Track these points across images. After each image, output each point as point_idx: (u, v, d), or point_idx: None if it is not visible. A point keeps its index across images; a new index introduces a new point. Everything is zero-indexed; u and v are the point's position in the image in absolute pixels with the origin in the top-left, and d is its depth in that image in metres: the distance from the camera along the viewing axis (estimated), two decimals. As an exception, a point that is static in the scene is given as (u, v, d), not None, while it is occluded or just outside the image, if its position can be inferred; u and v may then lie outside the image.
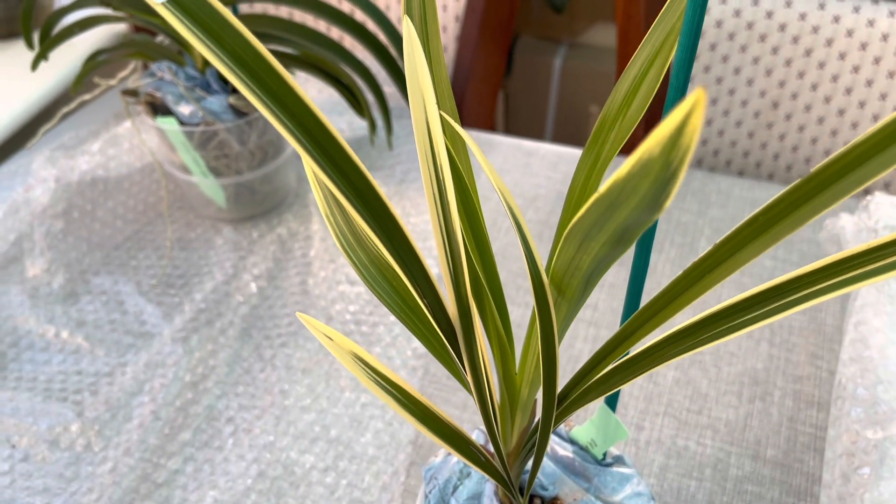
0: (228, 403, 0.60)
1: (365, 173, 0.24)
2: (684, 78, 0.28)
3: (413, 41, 0.27)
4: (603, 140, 0.30)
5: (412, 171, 0.77)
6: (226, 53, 0.21)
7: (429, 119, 0.27)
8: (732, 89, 0.79)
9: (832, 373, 0.60)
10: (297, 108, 0.22)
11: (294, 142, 0.22)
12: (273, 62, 0.21)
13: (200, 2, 0.20)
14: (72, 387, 0.61)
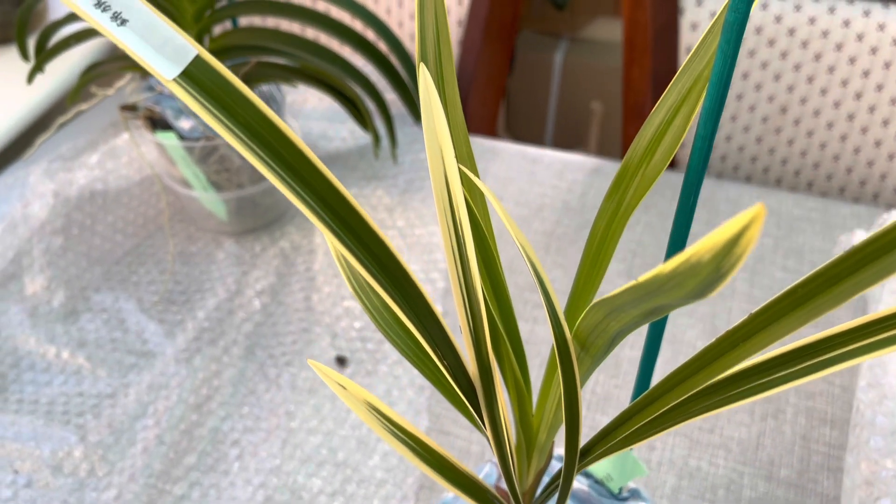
0: (233, 425, 0.59)
1: (389, 247, 0.23)
2: (712, 128, 0.27)
3: (430, 91, 0.26)
4: (625, 187, 0.29)
5: (416, 181, 0.76)
6: (240, 127, 0.19)
7: (448, 176, 0.26)
8: (740, 94, 0.78)
9: (845, 389, 0.60)
10: (318, 183, 0.21)
11: (315, 218, 0.21)
12: (290, 134, 0.20)
13: (213, 74, 0.19)
14: (74, 409, 0.60)
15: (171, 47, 0.19)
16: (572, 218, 0.73)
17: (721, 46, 0.25)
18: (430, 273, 0.69)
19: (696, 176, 0.28)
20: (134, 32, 0.18)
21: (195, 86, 0.19)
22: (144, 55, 0.19)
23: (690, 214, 0.29)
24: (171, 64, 0.19)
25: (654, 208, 0.74)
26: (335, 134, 0.79)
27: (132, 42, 0.18)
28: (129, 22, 0.18)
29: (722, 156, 0.82)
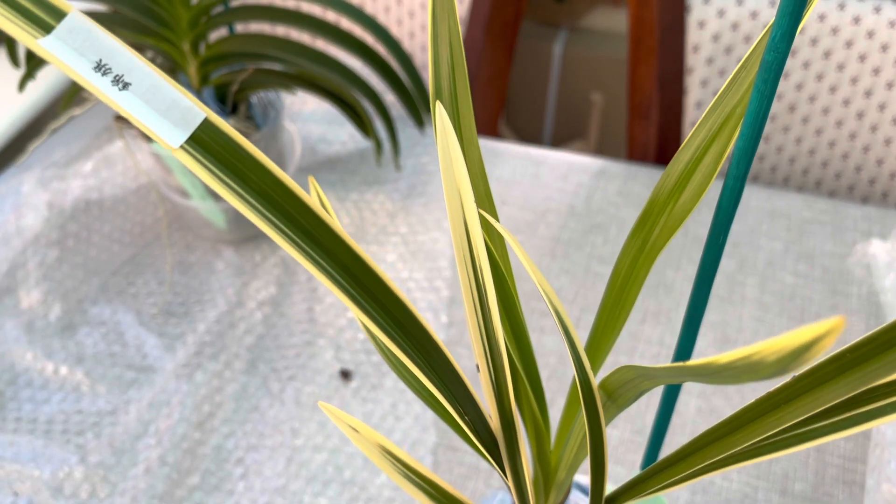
0: (237, 443, 0.58)
1: (413, 312, 0.21)
2: (745, 168, 0.25)
3: (448, 133, 0.25)
4: (651, 225, 0.28)
5: (417, 186, 0.75)
6: (253, 193, 0.18)
7: (468, 225, 0.25)
8: (748, 93, 0.77)
9: (859, 398, 0.58)
10: (339, 250, 0.19)
11: (336, 288, 0.20)
12: (307, 200, 0.19)
13: (223, 137, 0.18)
14: (73, 427, 0.59)
15: (177, 111, 0.17)
16: (578, 222, 0.72)
17: (757, 86, 0.23)
18: (434, 281, 0.67)
19: (727, 216, 0.27)
20: (137, 96, 0.17)
21: (204, 151, 0.17)
22: (149, 122, 0.17)
23: (719, 254, 0.28)
24: (176, 129, 0.17)
25: (661, 211, 0.72)
26: (335, 137, 0.77)
27: (135, 108, 0.17)
28: (131, 85, 0.17)
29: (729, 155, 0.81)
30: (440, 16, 0.27)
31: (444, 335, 0.63)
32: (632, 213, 0.72)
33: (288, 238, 0.19)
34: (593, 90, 1.38)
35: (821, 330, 0.12)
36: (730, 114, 0.25)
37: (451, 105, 0.28)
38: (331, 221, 0.19)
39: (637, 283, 0.28)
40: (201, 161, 0.17)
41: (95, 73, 0.17)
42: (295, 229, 0.18)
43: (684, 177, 0.26)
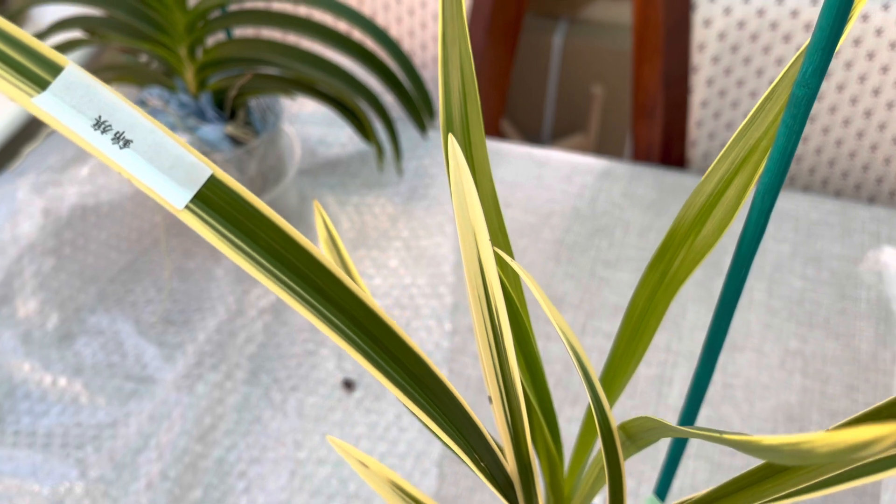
0: (240, 455, 0.57)
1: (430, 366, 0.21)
2: (771, 203, 0.24)
3: (461, 168, 0.24)
4: (671, 257, 0.27)
5: (419, 189, 0.74)
6: (263, 252, 0.17)
7: (483, 264, 0.24)
8: (754, 91, 0.76)
9: (869, 406, 0.58)
10: (356, 310, 0.18)
11: (353, 350, 0.19)
12: (321, 258, 0.18)
13: (231, 194, 0.17)
14: (73, 441, 0.58)
15: (182, 168, 0.16)
16: (583, 225, 0.71)
17: (786, 121, 0.22)
18: (438, 287, 0.66)
19: (750, 249, 0.26)
20: (139, 154, 0.16)
21: (210, 210, 0.16)
22: (152, 182, 0.16)
23: (741, 287, 0.27)
24: (181, 188, 0.16)
25: (666, 213, 0.71)
26: (334, 139, 0.76)
27: (137, 167, 0.16)
28: (133, 143, 0.16)
29: (734, 154, 0.80)
30: (451, 40, 0.26)
31: (448, 343, 0.63)
32: (637, 216, 0.71)
33: (299, 297, 0.18)
34: (594, 83, 1.37)
35: (881, 432, 0.11)
36: (754, 146, 0.24)
37: (463, 134, 0.27)
38: (344, 278, 0.18)
39: (656, 317, 0.27)
40: (207, 221, 0.16)
41: (95, 131, 0.16)
42: (308, 287, 0.17)
43: (706, 209, 0.25)
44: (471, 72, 0.27)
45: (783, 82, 0.24)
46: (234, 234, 0.17)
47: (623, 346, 0.29)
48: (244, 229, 0.17)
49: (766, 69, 0.74)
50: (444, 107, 0.27)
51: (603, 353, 0.61)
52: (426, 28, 0.84)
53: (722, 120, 0.77)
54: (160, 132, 0.16)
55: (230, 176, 0.56)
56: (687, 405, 0.32)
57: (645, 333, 0.28)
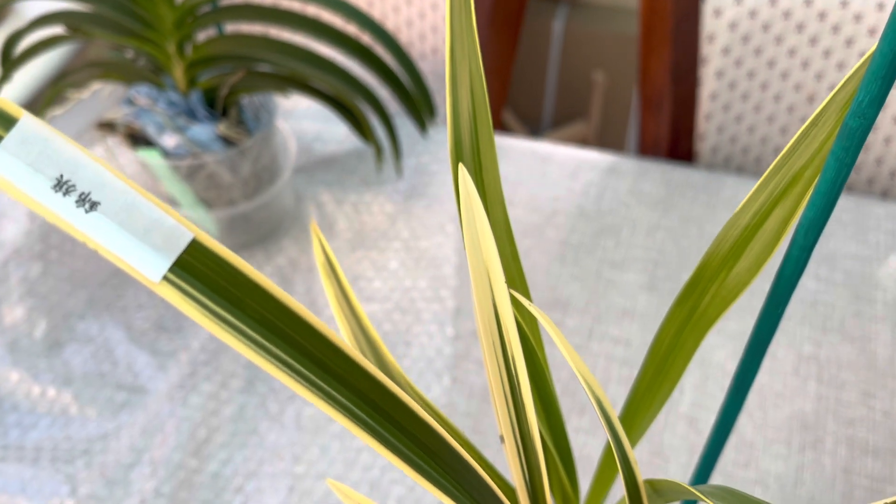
0: (236, 469, 0.55)
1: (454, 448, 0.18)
2: (814, 239, 0.22)
3: (473, 202, 0.21)
4: (701, 292, 0.24)
5: (419, 187, 0.71)
6: (253, 323, 0.15)
7: (498, 308, 0.21)
8: (765, 83, 0.73)
9: (886, 414, 0.56)
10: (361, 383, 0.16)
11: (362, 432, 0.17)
12: (319, 326, 0.15)
13: (215, 260, 0.14)
14: (62, 455, 0.56)
15: (159, 232, 0.14)
16: (588, 224, 0.69)
17: (836, 153, 0.20)
18: (440, 290, 0.64)
19: (788, 287, 0.23)
20: (108, 218, 0.14)
21: (192, 278, 0.14)
22: (124, 250, 0.14)
23: (775, 325, 0.25)
24: (158, 256, 0.14)
25: (674, 211, 0.69)
26: (331, 136, 0.74)
27: (105, 234, 0.14)
28: (100, 205, 0.14)
29: (744, 148, 0.77)
30: (460, 58, 0.24)
31: (450, 349, 0.61)
32: (644, 214, 0.69)
33: (295, 372, 0.15)
34: (595, 69, 1.34)
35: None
36: (797, 176, 0.22)
37: (473, 159, 0.24)
38: (347, 348, 0.16)
39: (683, 355, 0.25)
40: (188, 292, 0.14)
41: (56, 192, 0.13)
42: (305, 360, 0.15)
43: (741, 243, 0.23)
44: (482, 91, 0.24)
45: (830, 107, 0.21)
46: (219, 303, 0.14)
47: (646, 384, 0.27)
48: (231, 299, 0.14)
49: (779, 60, 0.71)
50: (452, 128, 0.24)
51: (611, 360, 0.59)
52: (425, 18, 0.81)
53: (731, 113, 0.75)
54: (133, 192, 0.14)
55: (223, 175, 0.53)
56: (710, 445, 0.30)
57: (671, 372, 0.26)
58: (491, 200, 0.24)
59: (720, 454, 0.30)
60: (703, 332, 0.24)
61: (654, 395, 0.27)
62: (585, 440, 0.55)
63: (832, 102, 0.21)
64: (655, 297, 0.63)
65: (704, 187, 0.70)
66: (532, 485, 0.23)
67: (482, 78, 0.24)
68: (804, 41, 0.70)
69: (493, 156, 0.24)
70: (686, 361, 0.25)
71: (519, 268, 0.25)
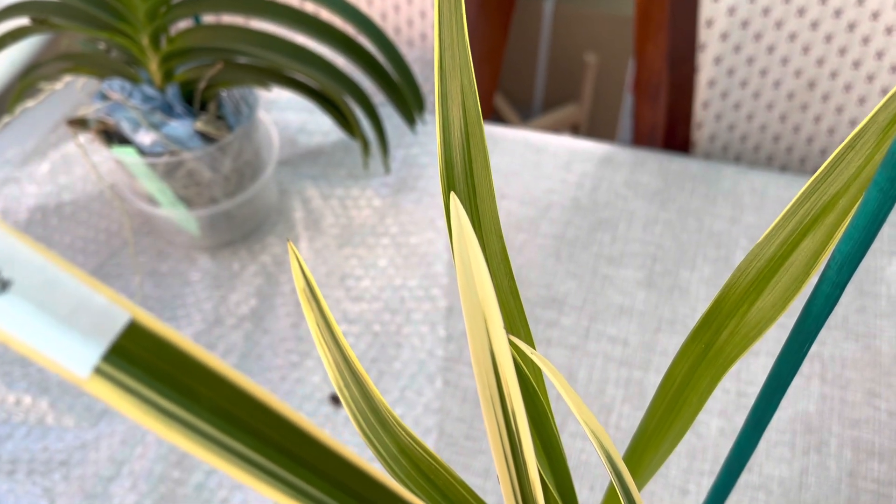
0: (221, 481, 0.53)
1: None
2: (848, 276, 0.20)
3: (466, 237, 0.19)
4: (718, 327, 0.22)
5: (408, 180, 0.69)
6: (210, 414, 0.12)
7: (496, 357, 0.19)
8: (764, 69, 0.71)
9: (892, 414, 0.54)
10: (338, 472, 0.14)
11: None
12: (291, 416, 0.13)
13: (157, 342, 0.12)
14: (39, 468, 0.54)
15: (86, 315, 0.12)
16: (584, 217, 0.66)
17: (880, 184, 0.18)
18: (431, 289, 0.62)
19: (816, 324, 0.21)
20: (24, 299, 0.11)
21: (130, 366, 0.12)
22: (42, 341, 0.11)
23: (799, 362, 0.22)
24: (87, 342, 0.12)
25: (672, 203, 0.67)
26: (316, 127, 0.71)
27: (19, 319, 0.11)
28: (13, 284, 0.11)
29: (742, 136, 0.75)
30: (450, 72, 0.21)
31: (442, 350, 0.58)
32: (641, 206, 0.67)
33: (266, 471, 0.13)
34: (587, 51, 1.31)
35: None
36: (829, 204, 0.20)
37: (466, 183, 0.22)
38: (322, 437, 0.14)
39: (697, 393, 0.23)
40: (124, 384, 0.12)
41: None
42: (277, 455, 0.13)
43: (765, 275, 0.21)
44: (475, 107, 0.22)
45: (870, 127, 0.19)
46: (167, 395, 0.12)
47: (655, 423, 0.24)
48: (180, 388, 0.12)
49: (778, 45, 0.69)
50: (442, 148, 0.22)
51: (608, 359, 0.57)
52: (412, 2, 0.78)
53: (730, 100, 0.72)
54: (54, 267, 0.11)
55: (203, 173, 0.51)
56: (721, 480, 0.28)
57: (683, 411, 0.24)
58: (486, 230, 0.22)
59: (731, 490, 0.28)
60: (722, 371, 0.22)
61: (662, 436, 0.24)
62: (583, 445, 0.53)
63: (872, 123, 0.19)
64: (654, 295, 0.61)
65: (703, 178, 0.68)
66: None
67: (475, 94, 0.21)
68: (805, 25, 0.67)
69: (489, 180, 0.22)
70: (702, 402, 0.23)
71: (519, 305, 0.23)
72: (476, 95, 0.21)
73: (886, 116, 0.18)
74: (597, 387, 0.56)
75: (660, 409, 0.24)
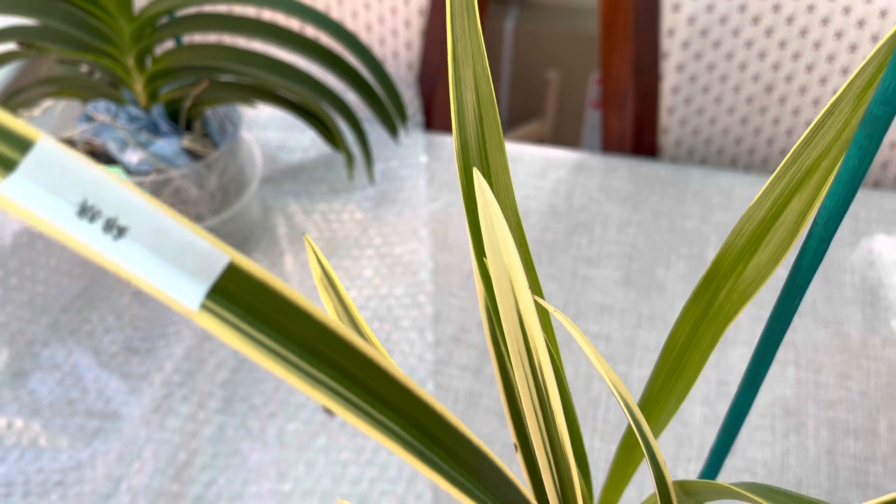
0: (220, 492, 0.53)
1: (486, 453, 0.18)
2: (833, 230, 0.22)
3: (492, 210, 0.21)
4: (716, 287, 0.24)
5: (389, 193, 0.70)
6: (298, 349, 0.14)
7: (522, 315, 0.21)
8: (724, 75, 0.74)
9: (863, 394, 0.57)
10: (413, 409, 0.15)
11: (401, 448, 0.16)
12: (368, 351, 0.14)
13: (253, 284, 0.13)
14: (35, 489, 0.54)
15: (192, 256, 0.13)
16: (560, 222, 0.69)
17: (859, 141, 0.20)
18: (417, 297, 0.63)
19: (806, 278, 0.23)
20: (138, 243, 0.13)
21: (231, 304, 0.13)
22: (158, 278, 0.13)
23: (791, 316, 0.25)
24: (193, 282, 0.13)
25: (643, 206, 0.69)
26: (296, 144, 0.72)
27: (137, 261, 0.13)
28: (129, 230, 0.13)
29: (706, 139, 0.78)
30: (463, 59, 0.23)
31: (431, 355, 0.60)
32: (615, 210, 0.69)
33: (344, 399, 0.15)
34: (548, 67, 1.35)
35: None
36: (813, 166, 0.22)
37: (481, 163, 0.24)
38: (403, 378, 0.15)
39: (699, 352, 0.25)
40: (227, 319, 0.13)
41: (81, 219, 0.12)
42: (354, 386, 0.14)
43: (758, 236, 0.23)
44: (489, 91, 0.24)
45: (847, 94, 0.21)
46: (263, 331, 0.13)
47: (659, 384, 0.26)
48: (274, 325, 0.14)
49: (736, 52, 0.72)
50: (458, 131, 0.24)
51: (593, 357, 0.59)
52: (396, 13, 0.80)
53: (693, 106, 0.76)
54: (163, 214, 0.13)
55: (189, 190, 0.52)
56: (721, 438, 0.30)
57: (687, 369, 0.25)
58: (502, 205, 0.24)
59: (731, 448, 0.30)
60: (721, 328, 0.24)
61: (668, 395, 0.26)
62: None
63: (849, 90, 0.21)
64: (632, 292, 0.63)
65: (672, 181, 0.71)
66: (563, 493, 0.22)
67: (488, 78, 0.23)
68: (760, 32, 0.71)
69: (504, 159, 0.24)
70: (704, 359, 0.25)
71: (534, 275, 0.25)
72: (490, 80, 0.23)
73: (861, 83, 0.21)
74: (583, 382, 0.58)
75: (664, 371, 0.26)
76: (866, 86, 0.20)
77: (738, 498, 0.20)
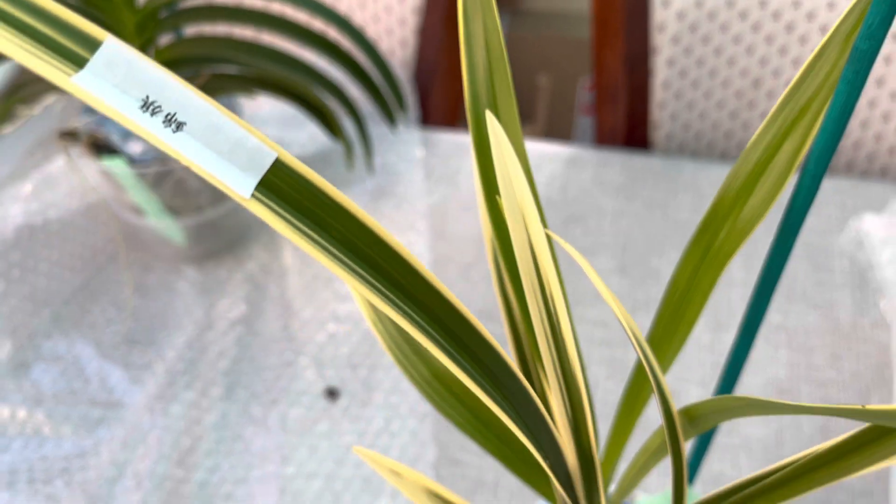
0: (224, 476, 0.54)
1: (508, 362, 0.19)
2: (824, 167, 0.23)
3: (505, 151, 0.22)
4: (716, 229, 0.25)
5: (386, 187, 0.71)
6: (336, 243, 0.15)
7: (534, 248, 0.22)
8: (713, 70, 0.76)
9: (854, 375, 0.58)
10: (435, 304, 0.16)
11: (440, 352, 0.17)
12: (399, 248, 0.16)
13: (299, 180, 0.15)
14: (40, 476, 0.54)
15: (243, 152, 0.14)
16: (556, 214, 0.70)
17: (847, 77, 0.21)
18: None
19: (800, 216, 0.25)
20: (194, 138, 0.14)
21: (279, 199, 0.14)
22: (213, 168, 0.14)
23: (787, 256, 0.26)
24: (244, 175, 0.14)
25: (637, 198, 0.71)
26: (293, 140, 0.73)
27: (193, 152, 0.14)
28: (186, 125, 0.14)
29: (696, 134, 0.80)
30: (473, 12, 0.24)
31: (430, 342, 0.61)
32: (609, 202, 0.71)
33: (378, 290, 0.16)
34: (539, 73, 1.37)
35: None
36: (804, 108, 0.23)
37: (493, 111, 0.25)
38: (425, 272, 0.16)
39: (700, 293, 0.26)
40: (276, 210, 0.14)
41: (143, 112, 0.13)
42: (385, 281, 0.16)
43: (752, 178, 0.24)
44: (499, 45, 0.25)
45: (834, 39, 0.22)
46: (305, 223, 0.15)
47: (663, 327, 0.27)
48: (315, 219, 0.15)
49: (725, 48, 0.74)
50: (469, 85, 0.25)
51: (591, 342, 0.60)
52: (391, 12, 0.82)
53: (683, 100, 0.77)
54: (217, 112, 0.14)
55: (190, 182, 0.53)
56: (725, 378, 0.31)
57: (688, 311, 0.27)
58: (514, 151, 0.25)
59: (742, 370, 0.31)
60: (720, 268, 0.25)
61: (671, 334, 0.27)
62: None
63: (836, 34, 0.22)
64: (627, 280, 0.65)
65: (664, 173, 0.73)
66: (576, 422, 0.23)
67: (499, 31, 0.24)
68: (747, 28, 0.73)
69: (513, 110, 0.25)
70: (704, 299, 0.26)
71: (543, 218, 0.26)
72: (500, 34, 0.24)
73: (847, 26, 0.22)
74: (581, 366, 0.59)
75: (667, 313, 0.27)
76: (852, 29, 0.22)
77: (742, 414, 0.22)
